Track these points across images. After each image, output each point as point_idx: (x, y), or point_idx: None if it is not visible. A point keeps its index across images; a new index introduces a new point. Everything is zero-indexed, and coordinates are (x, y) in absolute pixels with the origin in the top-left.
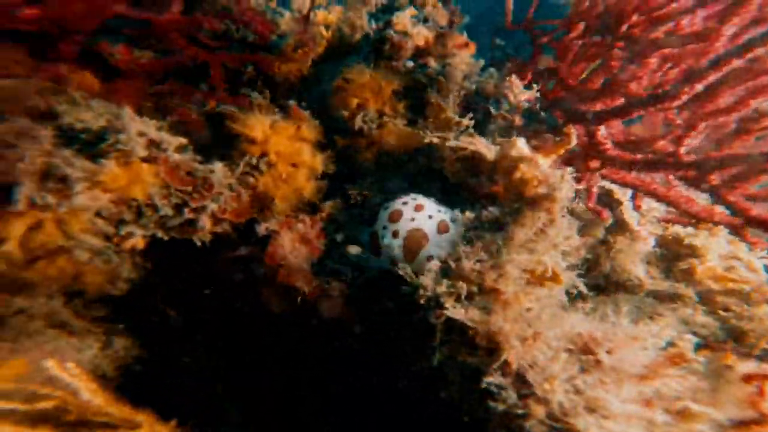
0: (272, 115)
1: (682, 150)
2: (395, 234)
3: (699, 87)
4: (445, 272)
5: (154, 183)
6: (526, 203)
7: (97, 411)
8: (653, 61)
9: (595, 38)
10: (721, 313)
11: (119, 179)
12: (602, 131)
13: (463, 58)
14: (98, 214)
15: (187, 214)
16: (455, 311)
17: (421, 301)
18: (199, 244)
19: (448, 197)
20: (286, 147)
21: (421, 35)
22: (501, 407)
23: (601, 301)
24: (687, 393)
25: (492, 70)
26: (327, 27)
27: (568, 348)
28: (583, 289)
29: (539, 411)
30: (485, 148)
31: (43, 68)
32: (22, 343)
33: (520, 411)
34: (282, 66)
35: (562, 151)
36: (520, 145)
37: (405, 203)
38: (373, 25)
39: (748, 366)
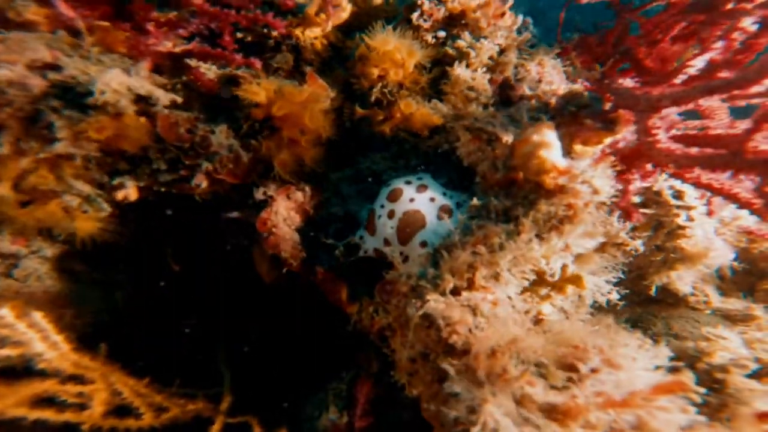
0: (287, 81)
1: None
2: (391, 214)
3: None
4: (436, 261)
5: (145, 137)
6: (542, 195)
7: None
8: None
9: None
10: None
11: (106, 130)
12: (655, 120)
13: (503, 30)
14: (89, 161)
15: (182, 171)
16: (434, 305)
17: (403, 289)
18: (199, 201)
19: (461, 181)
20: (292, 112)
21: (457, 2)
22: (453, 414)
23: (642, 315)
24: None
25: (542, 45)
26: None
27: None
28: (614, 297)
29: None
30: (502, 129)
31: (60, 19)
32: (32, 284)
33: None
34: (306, 31)
35: (605, 141)
36: (545, 129)
37: (408, 182)
38: None
39: None
